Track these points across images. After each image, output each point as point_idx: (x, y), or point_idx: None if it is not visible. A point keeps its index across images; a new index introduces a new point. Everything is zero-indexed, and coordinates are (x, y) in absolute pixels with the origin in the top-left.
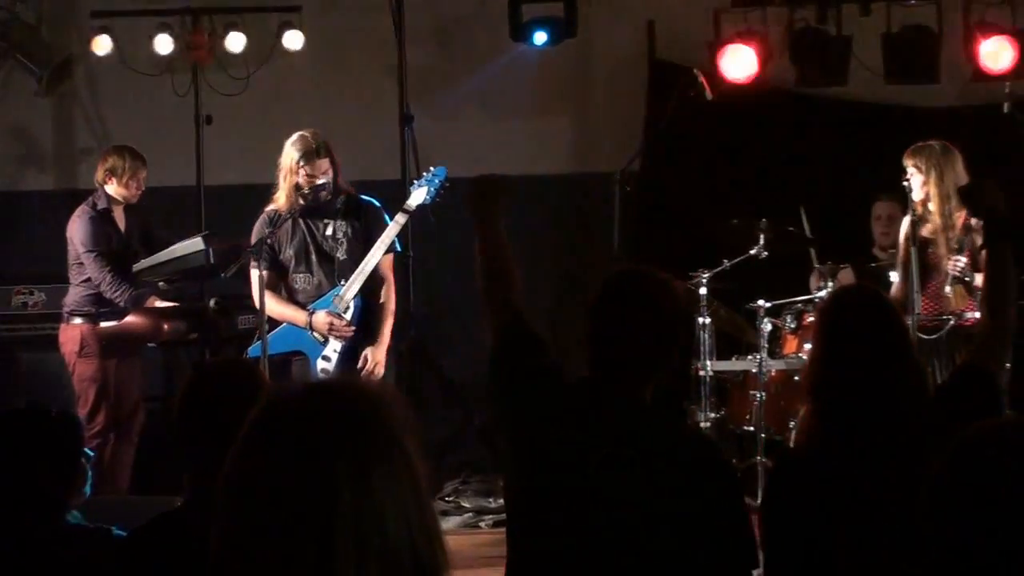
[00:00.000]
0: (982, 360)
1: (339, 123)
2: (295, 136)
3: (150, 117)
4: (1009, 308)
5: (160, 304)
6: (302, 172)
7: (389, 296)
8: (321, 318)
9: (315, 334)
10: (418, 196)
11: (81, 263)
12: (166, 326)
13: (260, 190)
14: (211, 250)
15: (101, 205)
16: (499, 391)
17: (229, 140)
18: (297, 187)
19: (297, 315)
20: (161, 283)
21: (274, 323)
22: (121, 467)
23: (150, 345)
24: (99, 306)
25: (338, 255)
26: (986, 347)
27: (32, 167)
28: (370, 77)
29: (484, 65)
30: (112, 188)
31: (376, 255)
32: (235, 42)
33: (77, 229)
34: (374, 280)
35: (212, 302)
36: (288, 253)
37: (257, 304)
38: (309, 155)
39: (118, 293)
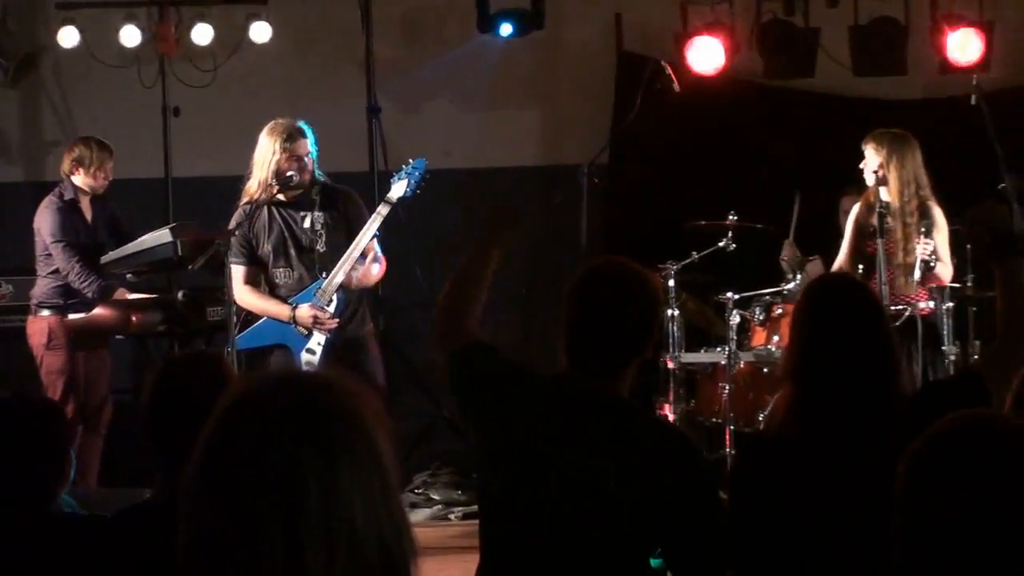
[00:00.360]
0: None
1: (306, 115)
2: (270, 124)
3: (117, 109)
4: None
5: (129, 296)
6: (284, 155)
7: (381, 268)
8: (305, 311)
9: (299, 328)
10: (399, 189)
11: (49, 254)
12: (135, 318)
13: (228, 182)
14: (179, 242)
15: (68, 196)
16: (464, 399)
17: (196, 132)
18: (276, 175)
19: (280, 309)
20: (129, 275)
21: (254, 316)
22: (90, 459)
23: (118, 337)
24: (67, 298)
25: (318, 247)
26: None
27: None
28: (337, 69)
29: (451, 57)
30: (79, 179)
31: (359, 247)
32: (202, 34)
33: (44, 220)
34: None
35: (180, 294)
36: (267, 248)
37: (235, 299)
38: (292, 135)
39: (86, 284)
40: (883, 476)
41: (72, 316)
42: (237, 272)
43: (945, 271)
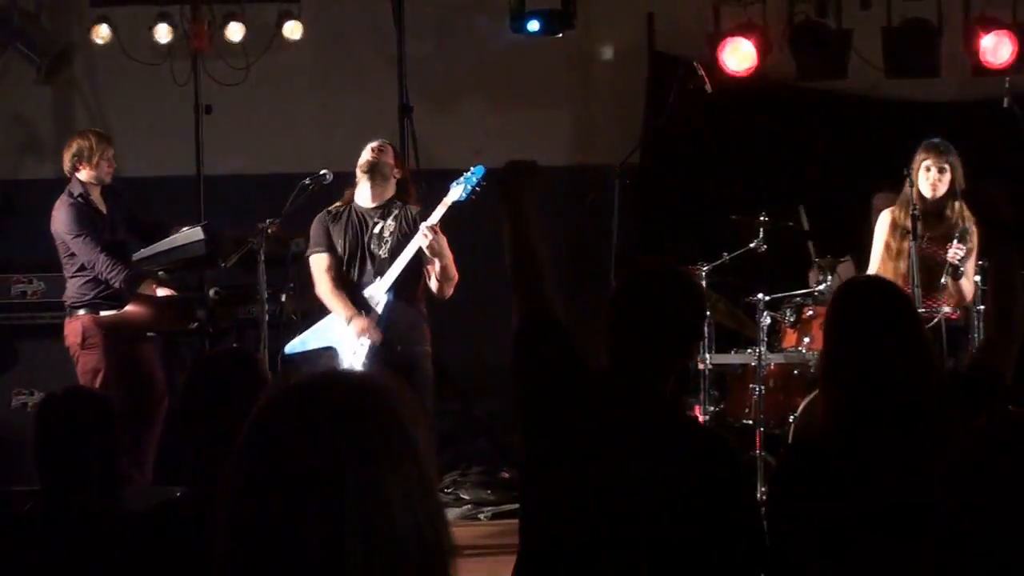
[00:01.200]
0: (989, 360)
1: (338, 113)
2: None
3: (149, 106)
4: (1016, 308)
5: (158, 291)
6: (370, 149)
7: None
8: (357, 324)
9: (350, 327)
10: (455, 193)
11: (72, 253)
12: (166, 315)
13: (259, 180)
14: (211, 240)
15: (76, 191)
16: (520, 376)
17: (229, 130)
18: (361, 168)
19: (343, 309)
20: (160, 272)
21: (306, 325)
22: (145, 454)
23: (150, 334)
24: (98, 294)
25: (380, 253)
26: (993, 346)
27: (31, 156)
28: (369, 67)
29: (483, 55)
30: (84, 174)
31: (410, 251)
32: (235, 32)
33: (60, 219)
34: (406, 275)
35: (212, 292)
36: (339, 244)
37: (316, 288)
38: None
39: (113, 273)
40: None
41: (104, 313)
42: (320, 261)
43: (968, 286)
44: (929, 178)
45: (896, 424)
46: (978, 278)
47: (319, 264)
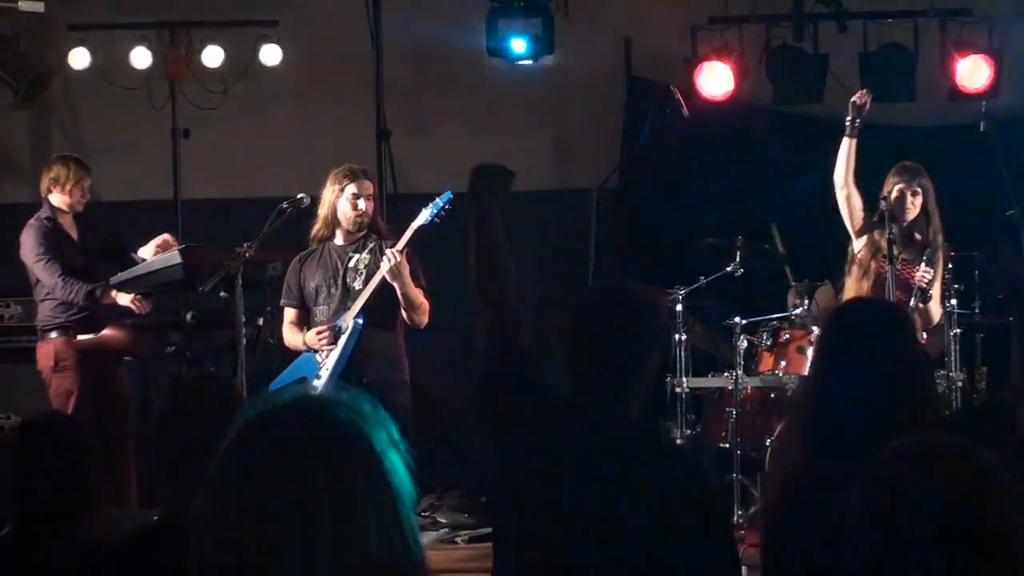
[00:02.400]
0: (1008, 402)
1: (316, 138)
2: (333, 171)
3: (127, 130)
4: None
5: (117, 297)
6: (349, 193)
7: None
8: (310, 334)
9: (316, 356)
10: (421, 217)
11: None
12: (143, 339)
13: (237, 204)
14: (188, 264)
15: (44, 215)
16: (485, 399)
17: (206, 154)
18: (334, 215)
19: (299, 337)
20: (137, 296)
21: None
22: (124, 478)
23: (126, 358)
24: (70, 317)
25: (355, 284)
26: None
27: (8, 180)
28: (347, 92)
29: (462, 80)
30: (56, 198)
31: (378, 276)
32: (212, 56)
33: (26, 242)
34: (381, 304)
35: (189, 316)
36: (311, 286)
37: (287, 343)
38: (355, 174)
39: (72, 292)
40: None
41: (81, 337)
42: (287, 315)
43: (935, 309)
44: (904, 202)
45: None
46: (954, 301)
47: (286, 317)
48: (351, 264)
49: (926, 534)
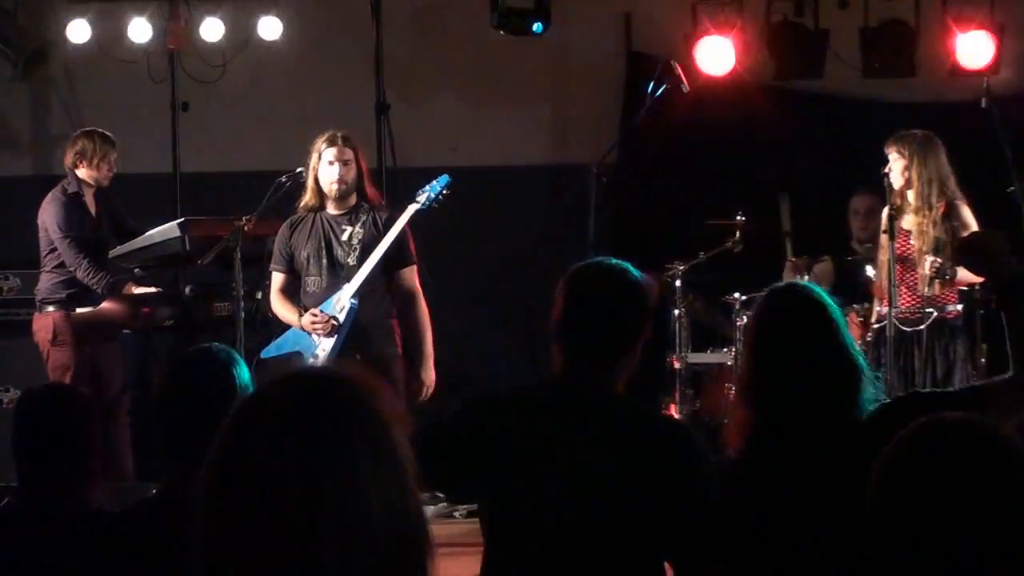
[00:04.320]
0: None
1: (315, 111)
2: (317, 137)
3: (126, 104)
4: None
5: (136, 291)
6: (326, 158)
7: (421, 309)
8: (305, 318)
9: (313, 336)
10: (419, 201)
11: (54, 249)
12: (142, 313)
13: (236, 177)
14: (187, 237)
15: (72, 189)
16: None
17: (205, 127)
18: (317, 183)
19: (293, 317)
20: (136, 269)
21: (283, 327)
22: (120, 452)
23: (125, 332)
24: (71, 293)
25: (349, 261)
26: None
27: (8, 153)
28: (347, 65)
29: (461, 54)
30: (83, 172)
31: (376, 255)
32: (212, 29)
33: (50, 214)
34: (381, 288)
35: (187, 289)
36: (303, 255)
37: (270, 305)
38: (332, 139)
39: (95, 280)
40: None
41: (79, 310)
42: (275, 279)
43: (968, 274)
44: (886, 170)
45: (814, 440)
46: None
47: (274, 282)
48: (344, 237)
49: (949, 513)
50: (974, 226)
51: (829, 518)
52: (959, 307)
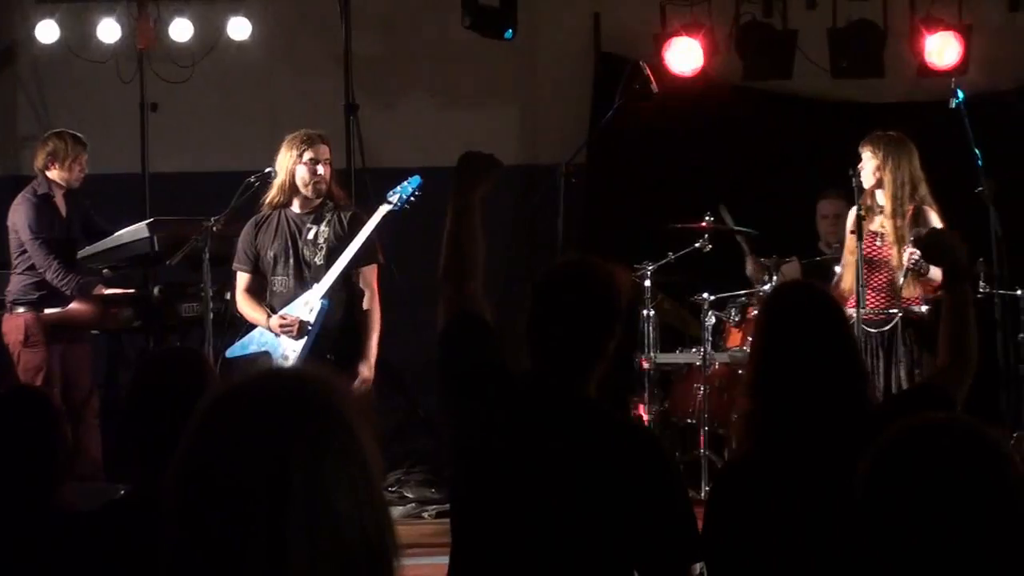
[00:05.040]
0: (941, 382)
1: (284, 112)
2: (289, 136)
3: (95, 104)
4: (970, 346)
5: (105, 291)
6: (307, 158)
7: (373, 307)
8: (273, 320)
9: (281, 337)
10: (390, 202)
11: (25, 251)
12: (110, 313)
13: (205, 178)
14: (156, 238)
15: (42, 190)
16: (445, 377)
17: (174, 128)
18: (291, 182)
19: (261, 318)
20: (105, 270)
21: (249, 326)
22: (86, 453)
23: (93, 332)
24: (43, 294)
25: (316, 260)
26: (947, 378)
27: None
28: (316, 66)
29: (430, 54)
30: (54, 173)
31: (346, 257)
32: (181, 30)
33: (21, 215)
34: (347, 287)
35: (156, 290)
36: (269, 255)
37: (237, 305)
38: (312, 139)
39: (64, 282)
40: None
41: (48, 311)
42: (240, 279)
43: (936, 271)
44: (864, 170)
45: (824, 438)
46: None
47: (240, 281)
48: (309, 236)
49: (937, 513)
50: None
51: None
52: (924, 308)
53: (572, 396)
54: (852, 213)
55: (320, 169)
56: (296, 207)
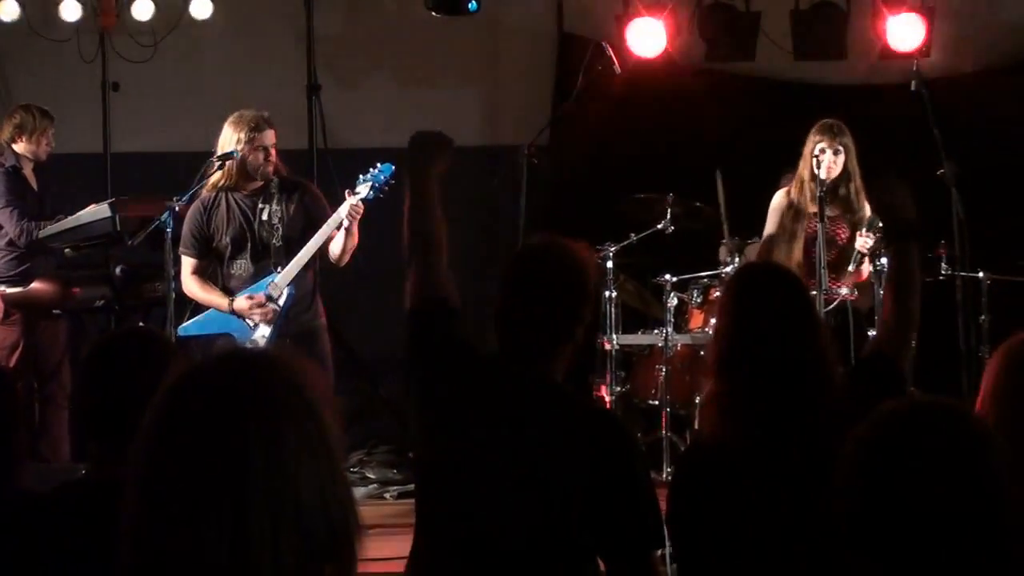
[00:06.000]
0: (886, 350)
1: (247, 92)
2: (235, 115)
3: (57, 83)
4: (914, 304)
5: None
6: (259, 144)
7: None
8: (242, 302)
9: (247, 320)
10: (363, 190)
11: (0, 227)
12: (72, 292)
13: (167, 157)
14: (118, 218)
15: (9, 163)
16: (411, 358)
17: (136, 107)
18: (242, 166)
19: (221, 302)
20: (67, 250)
21: (203, 305)
22: (57, 433)
23: (56, 312)
24: (24, 269)
25: (274, 241)
26: (891, 339)
27: None
28: (279, 46)
29: (393, 35)
30: (21, 146)
31: (314, 245)
32: (143, 9)
33: None
34: (304, 267)
35: (118, 269)
36: (225, 240)
37: (183, 289)
38: (261, 124)
39: (29, 234)
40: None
41: (9, 291)
42: (187, 264)
43: (866, 267)
44: (824, 160)
45: (792, 414)
46: (884, 260)
47: (187, 266)
48: (264, 217)
49: (921, 495)
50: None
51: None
52: (855, 292)
53: (539, 379)
54: (781, 194)
55: (272, 155)
56: (243, 188)
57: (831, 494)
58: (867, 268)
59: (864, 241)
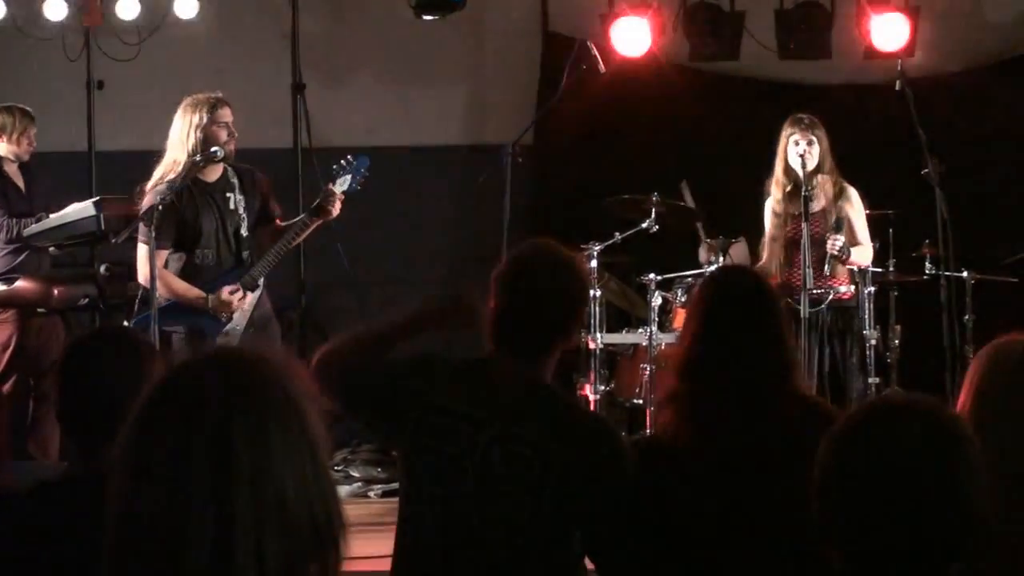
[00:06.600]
0: None
1: (232, 91)
2: (188, 99)
3: (41, 81)
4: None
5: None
6: (221, 120)
7: None
8: (225, 297)
9: (220, 316)
10: (341, 184)
11: None
12: (56, 291)
13: (151, 156)
14: (102, 216)
15: None
16: (371, 418)
17: (121, 106)
18: (204, 146)
19: (197, 297)
20: (52, 248)
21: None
22: (47, 432)
23: (40, 311)
24: (15, 263)
25: (242, 231)
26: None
27: None
28: (264, 45)
29: (378, 34)
30: (2, 147)
31: (297, 237)
32: (128, 8)
33: None
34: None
35: (102, 268)
36: (205, 230)
37: (141, 279)
38: (218, 102)
39: (13, 232)
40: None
41: None
42: (160, 254)
43: (864, 253)
44: (798, 151)
45: (752, 420)
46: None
47: (159, 258)
48: (231, 207)
49: (895, 491)
50: (861, 208)
51: (781, 492)
52: (852, 288)
53: (532, 381)
54: (771, 200)
55: (233, 132)
56: (205, 176)
57: (806, 491)
58: (866, 253)
59: (832, 243)
